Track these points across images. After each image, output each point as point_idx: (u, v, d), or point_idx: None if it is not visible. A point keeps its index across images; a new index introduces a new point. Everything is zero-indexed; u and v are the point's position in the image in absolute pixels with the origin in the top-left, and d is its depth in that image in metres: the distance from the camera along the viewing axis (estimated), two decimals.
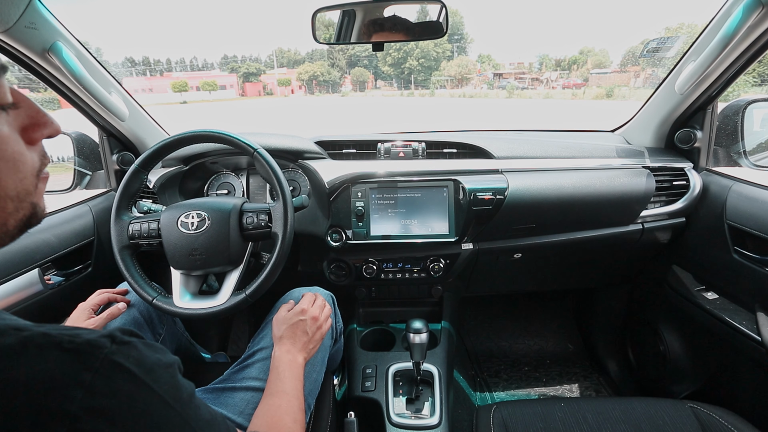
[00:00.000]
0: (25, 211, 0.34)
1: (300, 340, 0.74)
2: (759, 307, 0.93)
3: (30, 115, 0.34)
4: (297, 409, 0.63)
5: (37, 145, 0.35)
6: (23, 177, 0.33)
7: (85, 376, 0.28)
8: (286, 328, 0.75)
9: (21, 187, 0.33)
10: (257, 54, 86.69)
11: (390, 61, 58.59)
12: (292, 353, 0.72)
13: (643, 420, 0.78)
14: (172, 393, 0.33)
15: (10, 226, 0.33)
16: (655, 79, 28.94)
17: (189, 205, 0.85)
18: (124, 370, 0.30)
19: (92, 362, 0.29)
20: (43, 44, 0.88)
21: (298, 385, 0.68)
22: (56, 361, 0.28)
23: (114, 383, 0.29)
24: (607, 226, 1.13)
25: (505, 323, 1.74)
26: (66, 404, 0.27)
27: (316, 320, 0.78)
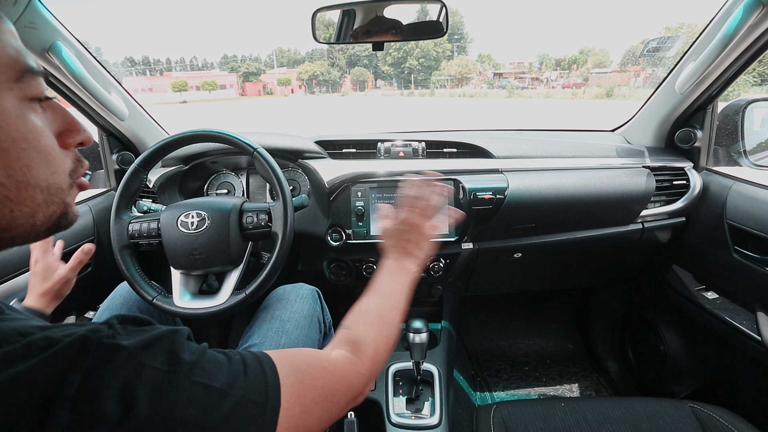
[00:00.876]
0: (56, 208, 0.35)
1: (407, 249, 0.69)
2: (759, 307, 0.93)
3: (65, 122, 0.37)
4: (390, 308, 0.59)
5: (71, 150, 0.38)
6: (54, 171, 0.35)
7: (83, 361, 0.29)
8: (393, 241, 0.70)
9: (52, 180, 0.34)
10: (257, 54, 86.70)
11: (390, 61, 58.59)
12: (399, 260, 0.67)
13: (643, 420, 0.78)
14: (172, 359, 0.33)
15: (38, 220, 0.34)
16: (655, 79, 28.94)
17: (189, 204, 0.84)
18: (120, 351, 0.31)
19: (89, 347, 0.30)
20: (43, 44, 0.88)
21: (397, 286, 0.63)
22: (57, 356, 0.29)
23: (111, 363, 0.30)
24: (607, 225, 1.13)
25: (505, 323, 1.74)
26: (66, 389, 0.27)
27: (417, 228, 0.70)
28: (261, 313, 0.88)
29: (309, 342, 0.84)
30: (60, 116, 0.37)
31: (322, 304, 0.97)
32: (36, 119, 0.33)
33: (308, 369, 0.43)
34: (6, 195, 0.31)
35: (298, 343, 0.81)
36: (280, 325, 0.83)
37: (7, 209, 0.32)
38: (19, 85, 0.32)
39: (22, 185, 0.32)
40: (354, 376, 0.48)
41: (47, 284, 0.75)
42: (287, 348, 0.76)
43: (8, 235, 0.33)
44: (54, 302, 0.76)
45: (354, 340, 0.52)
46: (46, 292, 0.74)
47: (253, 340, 0.80)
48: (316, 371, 0.44)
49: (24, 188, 0.32)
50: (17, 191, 0.32)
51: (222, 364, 0.36)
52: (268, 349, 0.78)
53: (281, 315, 0.85)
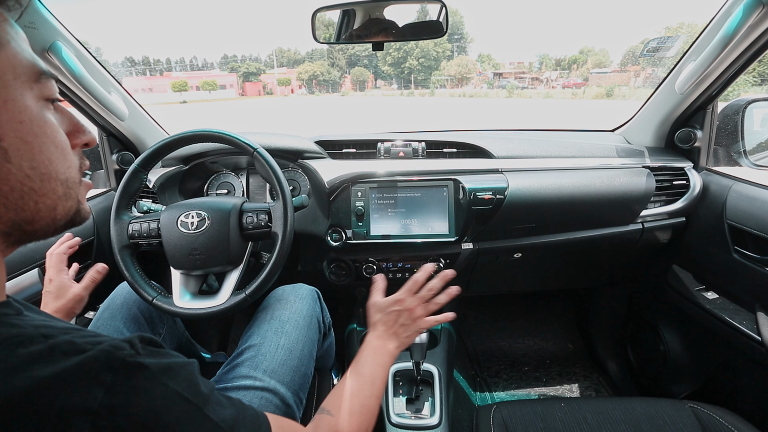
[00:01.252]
0: (73, 203, 0.38)
1: (393, 329, 0.72)
2: (759, 307, 0.93)
3: (72, 123, 0.40)
4: (371, 395, 0.62)
5: (77, 150, 0.40)
6: (70, 166, 0.37)
7: (106, 376, 0.30)
8: (381, 316, 0.73)
9: (69, 174, 0.37)
10: (257, 54, 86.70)
11: (390, 61, 58.59)
12: (382, 339, 0.70)
13: (643, 420, 0.78)
14: (191, 389, 0.35)
15: (58, 213, 0.36)
16: (655, 79, 28.93)
17: (189, 204, 0.84)
18: (143, 370, 0.32)
19: (112, 364, 0.31)
20: (43, 44, 0.88)
21: (379, 371, 0.66)
22: (80, 363, 0.29)
23: (133, 382, 0.31)
24: (607, 225, 1.13)
25: (505, 323, 1.74)
26: (88, 402, 0.28)
27: (411, 312, 0.74)
28: (260, 313, 0.88)
29: (308, 342, 0.84)
30: (67, 118, 0.39)
31: (321, 304, 0.97)
32: (52, 117, 0.36)
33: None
34: (31, 187, 0.33)
35: (298, 344, 0.81)
36: (279, 325, 0.83)
37: (32, 201, 0.34)
38: (38, 86, 0.34)
39: (45, 177, 0.34)
40: None
41: (60, 302, 0.76)
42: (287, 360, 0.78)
43: (32, 228, 0.35)
44: (66, 320, 0.76)
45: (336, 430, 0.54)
46: (59, 309, 0.76)
47: (253, 340, 0.80)
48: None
49: (47, 180, 0.34)
50: (41, 183, 0.34)
51: (225, 407, 0.38)
52: (268, 350, 0.78)
53: (281, 315, 0.85)
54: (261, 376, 0.73)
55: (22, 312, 0.33)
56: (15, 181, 0.32)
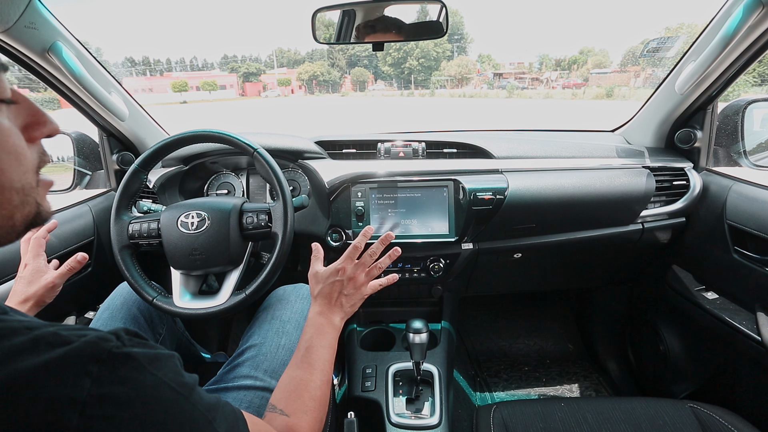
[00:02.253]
0: (30, 208, 0.35)
1: (337, 300, 0.69)
2: (759, 307, 0.93)
3: (30, 114, 0.35)
4: (320, 385, 0.60)
5: (37, 144, 0.37)
6: (26, 171, 0.34)
7: (93, 367, 0.30)
8: (322, 287, 0.70)
9: (25, 181, 0.34)
10: (257, 54, 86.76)
11: (390, 61, 58.60)
12: (326, 314, 0.67)
13: (643, 420, 0.78)
14: (177, 379, 0.35)
15: (17, 221, 0.34)
16: (655, 79, 28.94)
17: (189, 205, 0.84)
18: (130, 360, 0.32)
19: (99, 355, 0.30)
20: (43, 44, 0.88)
21: (327, 355, 0.64)
22: (65, 354, 0.29)
23: (121, 372, 0.31)
24: (607, 226, 1.13)
25: (505, 323, 1.74)
26: (76, 392, 0.28)
27: (354, 280, 0.71)
28: (261, 313, 0.88)
29: None
30: (24, 108, 0.35)
31: None
32: (2, 119, 0.32)
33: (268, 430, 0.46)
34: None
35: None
36: (280, 325, 0.83)
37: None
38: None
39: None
40: None
41: (32, 288, 0.72)
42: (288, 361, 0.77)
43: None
44: (34, 309, 0.72)
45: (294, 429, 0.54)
46: (29, 297, 0.71)
47: (254, 340, 0.80)
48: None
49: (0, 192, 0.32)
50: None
51: (208, 399, 0.39)
52: (269, 350, 0.78)
53: (281, 315, 0.85)
54: (262, 376, 0.73)
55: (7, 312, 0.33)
56: None
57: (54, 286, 0.74)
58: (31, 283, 0.72)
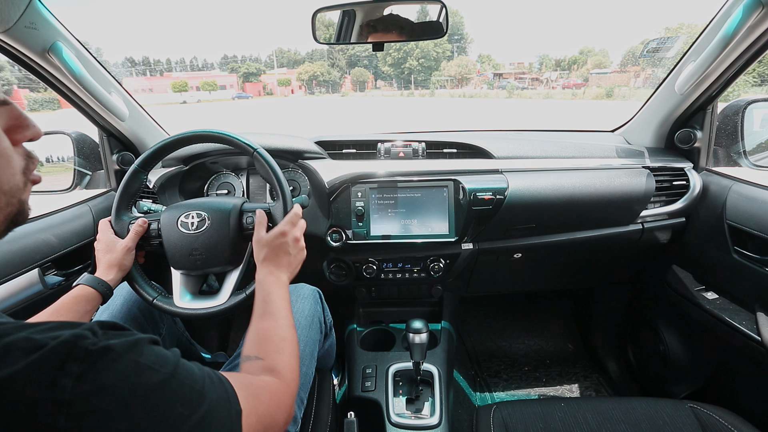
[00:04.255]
0: (13, 208, 0.36)
1: (283, 261, 0.73)
2: (759, 307, 0.93)
3: (12, 117, 0.36)
4: (286, 327, 0.63)
5: (19, 147, 0.37)
6: (14, 173, 0.35)
7: (72, 366, 0.29)
8: (267, 251, 0.73)
9: (12, 183, 0.35)
10: (257, 54, 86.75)
11: (390, 61, 58.60)
12: (276, 274, 0.70)
13: (643, 420, 0.78)
14: (159, 361, 0.35)
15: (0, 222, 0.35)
16: (655, 79, 28.93)
17: (189, 205, 0.84)
18: (108, 352, 0.32)
19: (77, 353, 0.30)
20: (43, 44, 0.88)
21: (285, 304, 0.66)
22: (40, 358, 0.29)
23: (100, 365, 0.31)
24: (607, 226, 1.13)
25: (505, 323, 1.74)
26: (57, 394, 0.28)
27: (297, 241, 0.76)
28: None
29: (310, 342, 0.84)
30: (5, 111, 0.35)
31: (323, 304, 0.97)
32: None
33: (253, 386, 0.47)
34: None
35: (299, 344, 0.81)
36: None
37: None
38: None
39: None
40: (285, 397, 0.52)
41: (111, 255, 0.79)
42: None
43: None
44: (120, 274, 0.79)
45: (272, 368, 0.55)
46: (112, 262, 0.78)
47: None
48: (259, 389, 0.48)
49: None
50: None
51: (193, 370, 0.39)
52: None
53: None
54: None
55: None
56: None
57: (129, 249, 0.80)
58: (109, 251, 0.80)
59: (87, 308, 0.71)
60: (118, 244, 0.80)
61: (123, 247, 0.80)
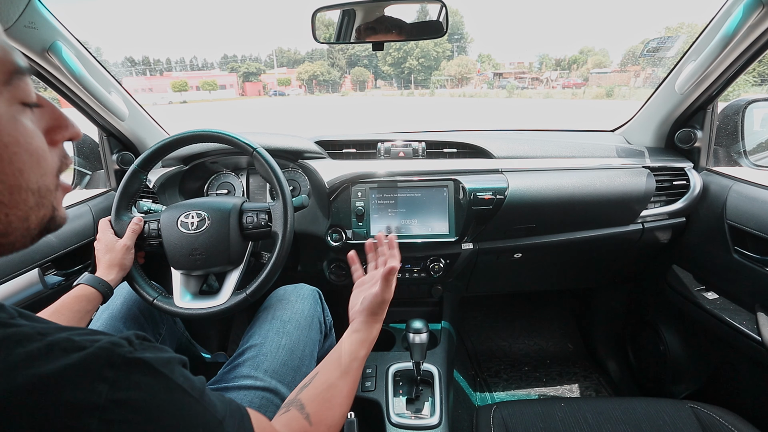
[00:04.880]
0: (46, 211, 0.35)
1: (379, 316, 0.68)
2: (759, 307, 0.93)
3: (53, 118, 0.36)
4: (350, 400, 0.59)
5: (58, 147, 0.37)
6: (44, 173, 0.34)
7: (108, 372, 0.30)
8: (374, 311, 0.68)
9: (42, 183, 0.34)
10: (257, 54, 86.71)
11: (390, 61, 58.59)
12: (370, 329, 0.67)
13: (643, 420, 0.78)
14: (188, 383, 0.35)
15: (32, 223, 0.34)
16: (655, 79, 28.91)
17: (189, 204, 0.84)
18: (143, 365, 0.32)
19: (113, 360, 0.31)
20: (43, 44, 0.88)
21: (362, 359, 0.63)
22: (80, 360, 0.30)
23: (135, 377, 0.31)
24: (607, 226, 1.13)
25: (505, 323, 1.74)
26: (94, 397, 0.28)
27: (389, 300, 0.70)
28: (262, 313, 0.88)
29: (309, 342, 0.84)
30: (48, 112, 0.36)
31: (323, 304, 0.97)
32: (27, 121, 0.33)
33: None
34: (0, 200, 0.31)
35: (299, 344, 0.81)
36: (280, 325, 0.83)
37: (3, 214, 0.32)
38: (8, 88, 0.31)
39: (14, 189, 0.32)
40: None
41: (111, 255, 0.80)
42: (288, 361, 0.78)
43: (7, 240, 0.33)
44: (121, 273, 0.80)
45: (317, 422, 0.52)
46: (112, 262, 0.79)
47: (254, 340, 0.80)
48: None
49: (17, 192, 0.32)
50: (10, 195, 0.32)
51: (215, 401, 0.39)
52: (270, 350, 0.78)
53: (282, 315, 0.85)
54: (262, 376, 0.73)
55: (15, 317, 0.33)
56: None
57: (128, 248, 0.81)
58: (109, 251, 0.80)
59: (88, 308, 0.71)
60: (118, 244, 0.81)
61: (122, 247, 0.81)
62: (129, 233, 0.82)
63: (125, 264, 0.81)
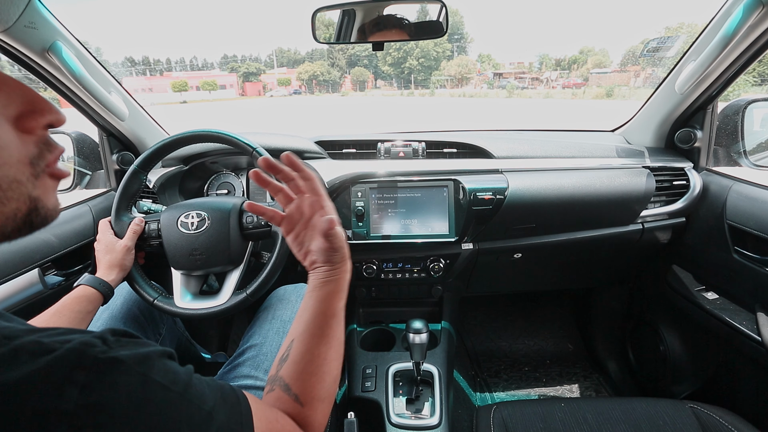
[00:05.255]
0: (18, 204, 0.31)
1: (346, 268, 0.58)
2: (759, 307, 0.93)
3: (25, 102, 0.32)
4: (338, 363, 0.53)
5: (35, 134, 0.33)
6: (4, 163, 0.30)
7: (78, 375, 0.28)
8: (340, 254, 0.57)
9: (10, 175, 0.30)
10: (257, 54, 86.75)
11: (390, 61, 58.60)
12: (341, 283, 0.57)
13: (643, 420, 0.78)
14: (170, 377, 0.33)
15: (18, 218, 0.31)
16: (655, 79, 28.92)
17: (189, 205, 0.84)
18: (118, 364, 0.30)
19: (84, 361, 0.29)
20: (43, 44, 0.88)
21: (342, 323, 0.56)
22: (48, 364, 0.27)
23: (109, 377, 0.29)
24: (607, 226, 1.13)
25: (505, 323, 1.74)
26: (62, 404, 0.26)
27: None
28: (262, 313, 0.88)
29: None
30: (18, 96, 0.31)
31: None
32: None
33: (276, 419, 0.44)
34: None
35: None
36: (281, 325, 0.83)
37: None
38: None
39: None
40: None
41: (111, 255, 0.79)
42: None
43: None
44: (121, 273, 0.79)
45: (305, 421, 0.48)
46: (112, 263, 0.79)
47: (254, 340, 0.80)
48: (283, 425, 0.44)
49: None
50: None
51: (205, 389, 0.36)
52: (270, 350, 0.78)
53: (282, 315, 0.85)
54: (262, 376, 0.73)
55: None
56: None
57: (128, 249, 0.81)
58: (109, 251, 0.80)
59: (89, 308, 0.71)
60: (118, 245, 0.81)
61: (123, 247, 0.80)
62: (130, 234, 0.82)
63: (125, 264, 0.80)
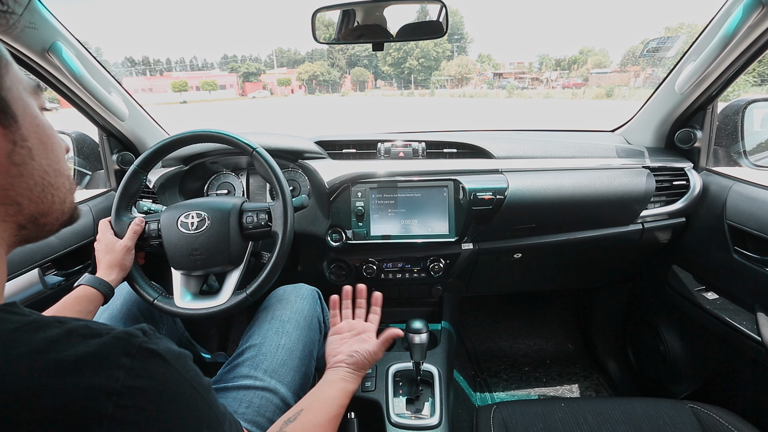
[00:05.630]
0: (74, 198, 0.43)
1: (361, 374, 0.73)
2: (759, 307, 0.93)
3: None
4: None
5: None
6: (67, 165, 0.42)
7: (125, 360, 0.31)
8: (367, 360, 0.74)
9: (69, 172, 0.42)
10: (257, 54, 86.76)
11: (390, 61, 58.60)
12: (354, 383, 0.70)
13: (643, 420, 0.78)
14: (197, 380, 0.36)
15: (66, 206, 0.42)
16: (655, 79, 28.89)
17: (189, 205, 0.84)
18: (157, 356, 0.33)
19: (129, 348, 0.32)
20: (43, 44, 0.88)
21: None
22: (99, 346, 0.31)
23: (149, 366, 0.32)
24: (607, 226, 1.13)
25: (505, 323, 1.74)
26: (111, 383, 0.29)
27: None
28: (261, 313, 0.88)
29: (309, 342, 0.84)
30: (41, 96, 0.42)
31: (322, 304, 0.97)
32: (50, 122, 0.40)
33: None
34: (49, 182, 0.38)
35: (299, 344, 0.81)
36: (280, 325, 0.83)
37: (50, 194, 0.39)
38: (36, 97, 0.39)
39: (57, 173, 0.40)
40: None
41: (111, 255, 0.80)
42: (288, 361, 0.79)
43: (45, 220, 0.39)
44: (121, 273, 0.80)
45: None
46: (112, 262, 0.79)
47: (254, 340, 0.80)
48: None
49: (59, 175, 0.40)
50: (55, 178, 0.39)
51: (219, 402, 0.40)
52: (269, 350, 0.78)
53: (281, 315, 0.85)
54: (261, 375, 0.73)
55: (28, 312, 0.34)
56: (38, 176, 0.37)
57: (128, 249, 0.81)
58: (109, 251, 0.81)
59: (89, 308, 0.71)
60: (118, 245, 0.81)
61: (123, 247, 0.80)
62: (130, 234, 0.82)
63: (126, 264, 0.81)
